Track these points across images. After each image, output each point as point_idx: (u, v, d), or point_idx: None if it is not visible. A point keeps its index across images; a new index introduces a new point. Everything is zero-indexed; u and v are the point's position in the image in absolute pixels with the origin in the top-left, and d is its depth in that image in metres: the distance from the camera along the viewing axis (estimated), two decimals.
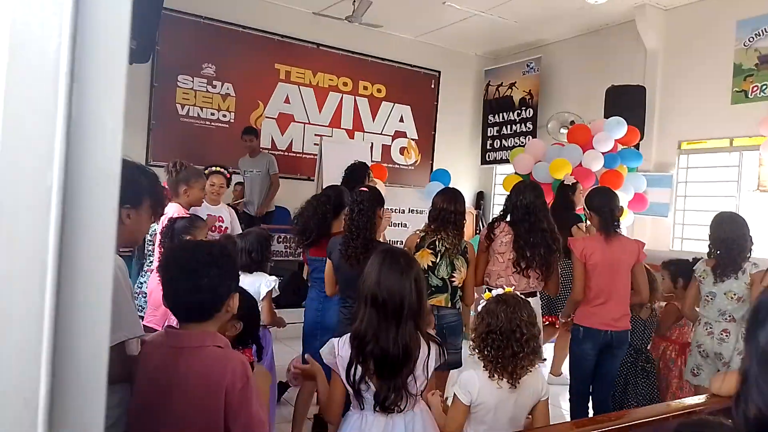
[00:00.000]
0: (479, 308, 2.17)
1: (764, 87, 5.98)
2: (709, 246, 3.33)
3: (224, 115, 7.54)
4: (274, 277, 3.07)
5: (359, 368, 1.83)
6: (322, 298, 3.30)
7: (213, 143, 7.39)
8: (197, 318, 1.54)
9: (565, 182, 4.99)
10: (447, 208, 3.21)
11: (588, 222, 4.10)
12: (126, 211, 1.62)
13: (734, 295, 3.19)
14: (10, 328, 0.45)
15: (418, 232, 3.36)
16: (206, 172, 4.23)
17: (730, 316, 3.20)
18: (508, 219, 3.33)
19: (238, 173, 7.45)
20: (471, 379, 2.00)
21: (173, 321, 2.30)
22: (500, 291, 2.17)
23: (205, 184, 3.90)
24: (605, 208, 3.26)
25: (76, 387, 0.48)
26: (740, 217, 3.39)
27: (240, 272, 2.85)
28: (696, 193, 6.66)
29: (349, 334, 1.89)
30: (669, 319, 3.52)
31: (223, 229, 4.19)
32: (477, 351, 2.03)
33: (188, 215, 3.42)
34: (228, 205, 4.71)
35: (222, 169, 4.39)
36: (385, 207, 3.17)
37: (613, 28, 7.55)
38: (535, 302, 3.25)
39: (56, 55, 0.46)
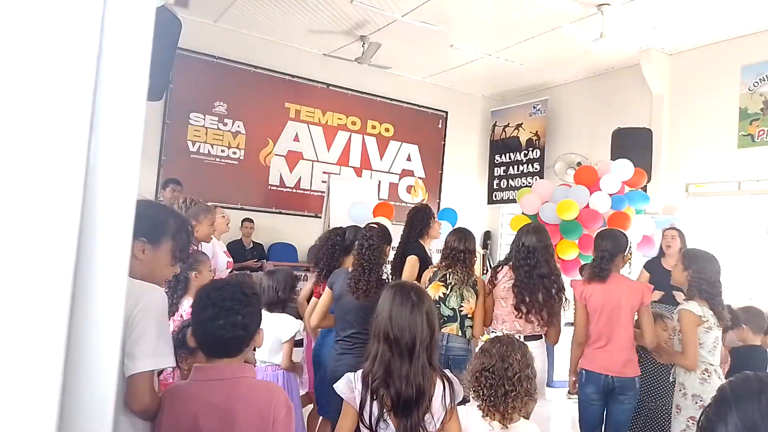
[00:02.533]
0: (476, 349, 2.16)
1: None
2: (690, 286, 3.07)
3: (234, 152, 7.64)
4: (299, 322, 3.06)
5: (375, 407, 1.81)
6: (324, 332, 3.35)
7: (222, 180, 7.47)
8: (228, 353, 1.62)
9: None
10: (457, 247, 3.46)
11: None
12: (141, 244, 1.63)
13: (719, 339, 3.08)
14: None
15: (431, 267, 3.62)
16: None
17: (725, 362, 3.16)
18: (510, 263, 3.34)
19: (246, 209, 7.51)
20: (461, 415, 1.97)
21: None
22: (498, 334, 2.18)
23: (213, 220, 3.91)
24: (598, 252, 3.23)
25: (85, 395, 0.48)
26: (713, 255, 3.21)
27: (265, 309, 2.87)
28: (704, 236, 6.61)
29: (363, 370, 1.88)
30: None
31: None
32: (471, 390, 2.00)
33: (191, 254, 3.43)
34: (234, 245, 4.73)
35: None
36: (389, 246, 3.25)
37: (618, 71, 7.67)
38: (539, 344, 3.22)
39: (80, 100, 0.47)
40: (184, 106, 7.24)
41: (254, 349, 2.56)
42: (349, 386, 1.88)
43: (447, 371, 1.96)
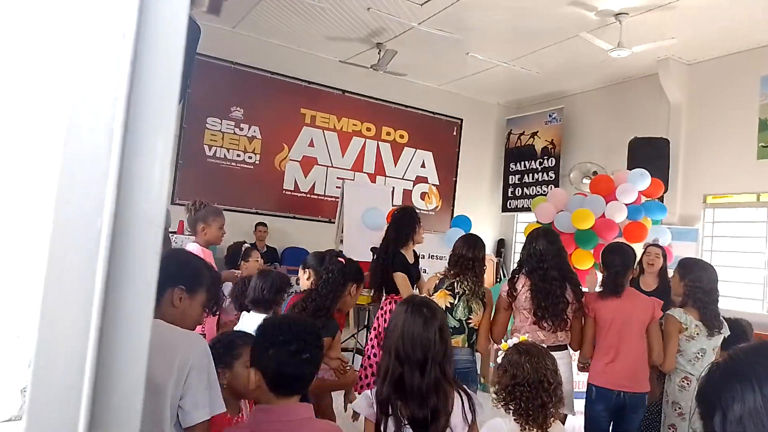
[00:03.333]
0: (499, 359, 2.13)
1: None
2: (685, 295, 3.13)
3: (250, 157, 7.71)
4: None
5: (391, 423, 1.81)
6: None
7: (237, 184, 7.54)
8: (297, 390, 1.58)
9: None
10: (466, 255, 3.25)
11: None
12: (180, 292, 1.66)
13: (714, 349, 3.08)
14: (54, 357, 0.46)
15: (438, 274, 3.42)
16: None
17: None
18: (525, 269, 3.23)
19: (261, 213, 7.56)
20: (499, 429, 1.96)
21: None
22: (515, 340, 2.15)
23: (222, 223, 3.91)
24: (612, 269, 3.14)
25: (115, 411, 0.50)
26: (708, 263, 3.28)
27: (251, 307, 2.88)
28: (723, 248, 6.53)
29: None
30: None
31: None
32: (503, 404, 1.98)
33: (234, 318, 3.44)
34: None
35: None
36: (359, 286, 3.00)
37: (636, 80, 7.63)
38: (563, 355, 3.09)
39: (112, 109, 0.49)
40: (201, 111, 7.32)
41: None
42: (368, 402, 1.89)
43: (463, 386, 1.96)
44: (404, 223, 4.00)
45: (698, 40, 6.31)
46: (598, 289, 3.37)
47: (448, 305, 3.21)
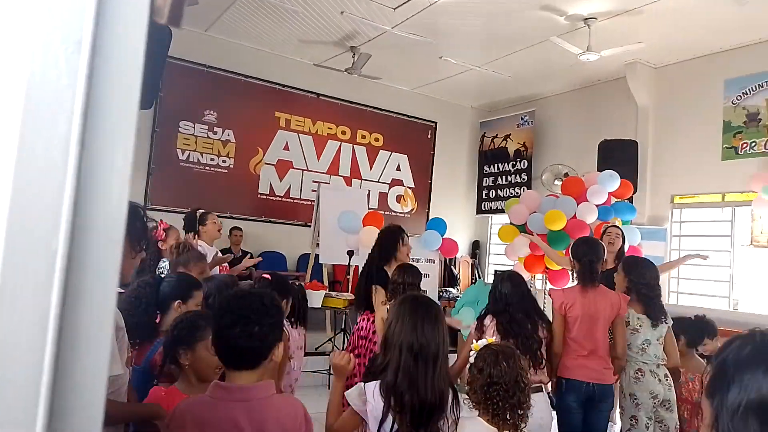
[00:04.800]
0: (471, 359, 2.15)
1: (753, 144, 6.13)
2: (628, 290, 3.28)
3: (224, 161, 7.64)
4: None
5: (394, 422, 1.82)
6: None
7: (212, 188, 7.46)
8: (246, 365, 1.58)
9: None
10: (397, 281, 3.42)
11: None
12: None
13: (659, 339, 3.22)
14: (7, 386, 0.45)
15: (385, 303, 3.46)
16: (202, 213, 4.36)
17: (663, 361, 3.22)
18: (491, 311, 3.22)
19: (235, 218, 7.49)
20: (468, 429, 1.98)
21: None
22: (484, 341, 2.16)
23: (204, 268, 3.78)
24: (586, 258, 3.25)
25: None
26: (651, 261, 3.44)
27: None
28: (690, 247, 6.70)
29: (378, 382, 1.87)
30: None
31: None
32: (477, 404, 1.99)
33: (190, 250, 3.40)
34: (223, 253, 4.78)
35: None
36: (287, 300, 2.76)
37: (604, 84, 7.79)
38: (540, 398, 2.88)
39: (67, 126, 0.49)
40: (173, 115, 7.23)
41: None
42: (361, 398, 1.90)
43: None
44: (387, 240, 3.93)
45: (665, 44, 6.47)
46: (571, 283, 3.44)
47: None
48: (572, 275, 3.99)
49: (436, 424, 1.84)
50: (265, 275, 2.84)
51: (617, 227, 4.61)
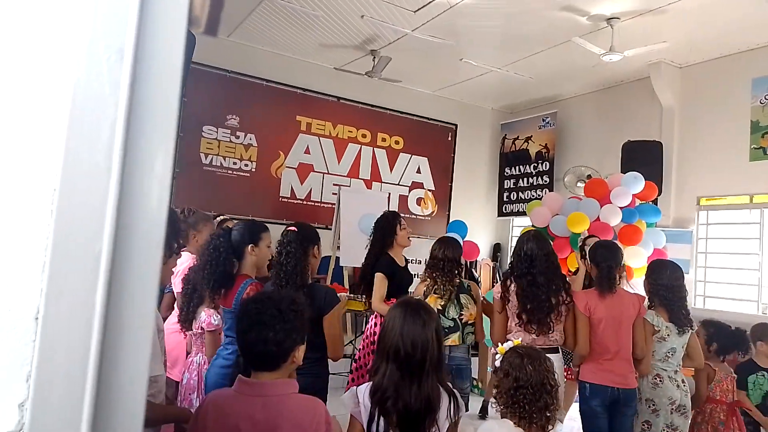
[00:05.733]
0: (497, 363, 2.14)
1: None
2: (650, 293, 3.24)
3: (246, 165, 7.72)
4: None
5: (381, 423, 1.83)
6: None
7: (234, 191, 7.55)
8: (266, 367, 1.63)
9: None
10: (437, 255, 3.51)
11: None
12: None
13: (683, 346, 3.17)
14: (57, 371, 0.47)
15: (423, 281, 3.60)
16: (218, 220, 4.30)
17: (680, 366, 3.18)
18: (514, 274, 3.29)
19: (257, 221, 7.56)
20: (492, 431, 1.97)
21: (190, 378, 2.36)
22: (510, 344, 2.16)
23: (213, 229, 3.88)
24: (605, 263, 3.19)
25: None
26: (677, 264, 3.34)
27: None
28: (717, 249, 6.57)
29: (369, 384, 1.90)
30: (703, 382, 3.38)
31: None
32: (504, 407, 1.99)
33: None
34: None
35: (229, 219, 4.42)
36: (319, 245, 2.82)
37: (628, 84, 7.68)
38: (557, 358, 3.13)
39: (110, 131, 0.51)
40: (197, 120, 7.34)
41: None
42: (353, 400, 1.92)
43: (449, 385, 1.98)
44: (384, 227, 3.97)
45: (689, 44, 6.36)
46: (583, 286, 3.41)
47: (440, 307, 3.39)
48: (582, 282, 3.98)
49: (428, 429, 1.83)
50: (291, 228, 2.76)
51: (592, 237, 4.53)
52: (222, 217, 4.39)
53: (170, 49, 0.59)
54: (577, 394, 3.29)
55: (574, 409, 4.67)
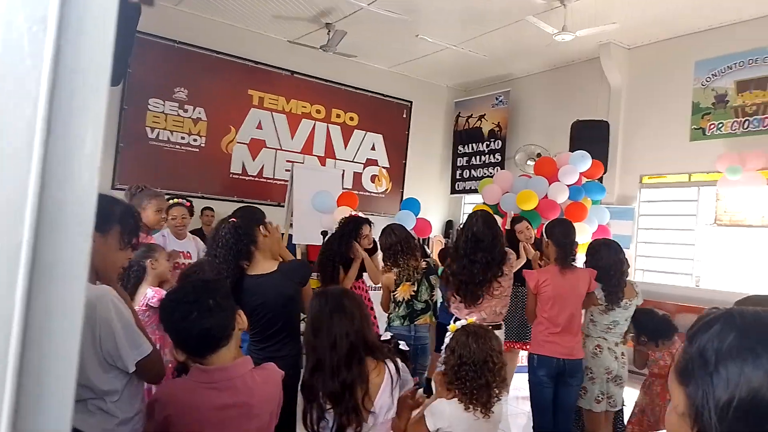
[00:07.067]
0: (446, 341, 2.18)
1: (720, 125, 6.27)
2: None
3: (195, 140, 7.49)
4: None
5: (314, 412, 1.83)
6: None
7: (182, 167, 7.32)
8: (220, 345, 1.58)
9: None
10: (389, 241, 3.61)
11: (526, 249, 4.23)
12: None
13: (627, 318, 3.35)
14: None
15: (385, 271, 3.67)
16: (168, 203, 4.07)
17: (622, 339, 3.38)
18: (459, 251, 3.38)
19: (207, 197, 7.38)
20: (443, 410, 2.01)
21: None
22: (464, 322, 2.20)
23: (160, 206, 3.75)
24: (565, 240, 3.31)
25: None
26: (614, 241, 3.51)
27: None
28: (656, 225, 6.87)
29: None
30: (637, 361, 3.52)
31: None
32: (449, 383, 2.03)
33: (144, 244, 3.23)
34: (195, 234, 4.48)
35: (181, 200, 4.22)
36: (267, 221, 2.69)
37: (579, 64, 7.84)
38: (500, 333, 3.33)
39: (34, 96, 0.47)
40: (142, 92, 7.04)
41: None
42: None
43: (398, 360, 1.98)
44: (345, 231, 3.86)
45: (638, 25, 6.53)
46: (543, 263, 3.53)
47: (413, 293, 3.54)
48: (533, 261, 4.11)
49: (357, 399, 1.81)
50: (232, 219, 2.59)
51: (520, 219, 4.67)
52: (174, 200, 4.21)
53: (102, 17, 0.55)
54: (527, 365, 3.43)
55: (518, 379, 4.87)
